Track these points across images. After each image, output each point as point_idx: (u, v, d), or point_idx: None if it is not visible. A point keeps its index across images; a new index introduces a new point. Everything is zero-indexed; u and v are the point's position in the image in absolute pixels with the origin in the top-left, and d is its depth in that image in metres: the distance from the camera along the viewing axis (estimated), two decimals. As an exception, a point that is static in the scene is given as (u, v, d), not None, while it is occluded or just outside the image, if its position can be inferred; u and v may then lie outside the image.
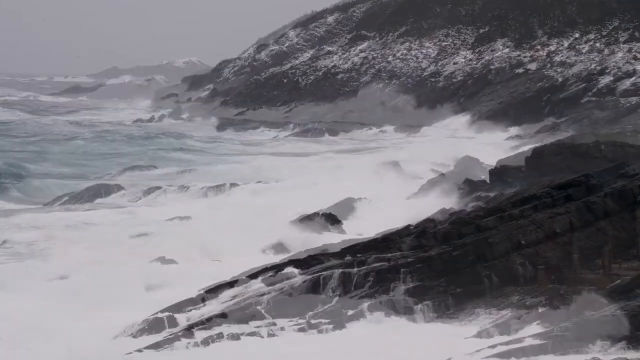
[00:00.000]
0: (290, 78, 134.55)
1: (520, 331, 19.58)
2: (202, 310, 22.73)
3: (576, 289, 21.79)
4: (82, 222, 40.31)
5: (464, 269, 23.59)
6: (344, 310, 22.27)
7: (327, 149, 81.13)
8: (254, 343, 20.46)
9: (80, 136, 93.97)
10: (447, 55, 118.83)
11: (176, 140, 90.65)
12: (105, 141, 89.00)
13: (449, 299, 22.98)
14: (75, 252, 31.14)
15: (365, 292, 22.91)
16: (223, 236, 32.19)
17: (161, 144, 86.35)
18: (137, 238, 35.05)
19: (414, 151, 65.53)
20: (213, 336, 20.66)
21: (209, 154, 79.56)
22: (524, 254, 24.84)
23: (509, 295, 22.72)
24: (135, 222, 40.21)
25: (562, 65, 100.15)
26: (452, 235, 25.14)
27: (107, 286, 24.85)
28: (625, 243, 25.29)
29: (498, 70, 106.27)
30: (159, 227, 37.53)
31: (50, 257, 31.27)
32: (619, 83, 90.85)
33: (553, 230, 25.48)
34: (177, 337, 20.72)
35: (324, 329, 21.35)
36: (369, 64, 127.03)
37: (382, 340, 20.17)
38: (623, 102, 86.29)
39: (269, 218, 35.12)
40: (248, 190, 48.42)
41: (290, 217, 35.82)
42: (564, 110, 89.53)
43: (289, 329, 21.33)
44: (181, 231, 35.18)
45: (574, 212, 25.96)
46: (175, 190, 49.28)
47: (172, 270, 28.29)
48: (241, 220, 34.95)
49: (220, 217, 37.37)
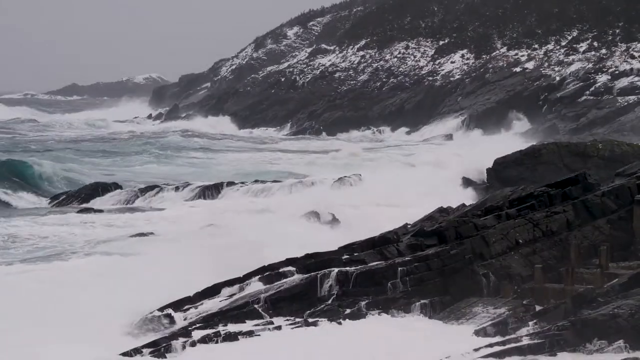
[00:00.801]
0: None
1: (518, 330, 19.59)
2: (199, 308, 22.70)
3: (573, 288, 21.81)
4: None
5: (461, 267, 23.61)
6: (341, 309, 22.28)
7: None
8: (251, 342, 20.45)
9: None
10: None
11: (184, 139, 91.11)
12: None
13: (446, 297, 23.00)
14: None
15: (363, 290, 22.91)
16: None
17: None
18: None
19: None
20: (210, 335, 20.64)
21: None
22: (521, 252, 24.89)
23: (506, 293, 22.75)
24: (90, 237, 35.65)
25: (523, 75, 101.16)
26: (449, 234, 25.16)
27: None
28: (622, 242, 25.34)
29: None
30: (107, 248, 32.27)
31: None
32: (581, 91, 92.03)
33: (550, 229, 25.53)
34: (175, 336, 20.71)
35: (322, 327, 21.33)
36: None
37: (380, 339, 20.16)
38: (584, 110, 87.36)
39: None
40: (242, 192, 47.88)
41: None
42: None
43: (287, 327, 21.32)
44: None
45: (571, 210, 26.01)
46: (172, 189, 48.84)
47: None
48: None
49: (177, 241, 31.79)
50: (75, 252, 31.86)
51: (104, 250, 31.66)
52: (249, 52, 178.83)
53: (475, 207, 32.09)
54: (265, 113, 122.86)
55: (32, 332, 20.14)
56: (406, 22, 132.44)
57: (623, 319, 17.91)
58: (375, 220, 34.26)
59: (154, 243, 31.92)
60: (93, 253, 31.01)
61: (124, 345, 20.16)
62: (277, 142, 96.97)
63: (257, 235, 29.93)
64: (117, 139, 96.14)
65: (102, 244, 33.36)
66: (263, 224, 34.51)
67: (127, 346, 20.13)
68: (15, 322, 20.77)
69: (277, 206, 41.33)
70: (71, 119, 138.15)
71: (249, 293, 23.09)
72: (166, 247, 29.87)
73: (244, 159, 73.65)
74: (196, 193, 48.29)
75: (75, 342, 19.37)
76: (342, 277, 23.16)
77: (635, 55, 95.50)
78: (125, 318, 21.84)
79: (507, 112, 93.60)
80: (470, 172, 45.22)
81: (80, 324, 20.72)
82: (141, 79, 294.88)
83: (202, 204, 45.44)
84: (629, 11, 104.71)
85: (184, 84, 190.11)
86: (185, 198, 47.71)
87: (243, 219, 36.79)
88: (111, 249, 31.68)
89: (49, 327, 20.48)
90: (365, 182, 47.37)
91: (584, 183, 27.66)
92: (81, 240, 34.89)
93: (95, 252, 31.34)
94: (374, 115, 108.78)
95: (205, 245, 28.80)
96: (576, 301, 19.59)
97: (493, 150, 45.47)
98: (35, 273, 26.72)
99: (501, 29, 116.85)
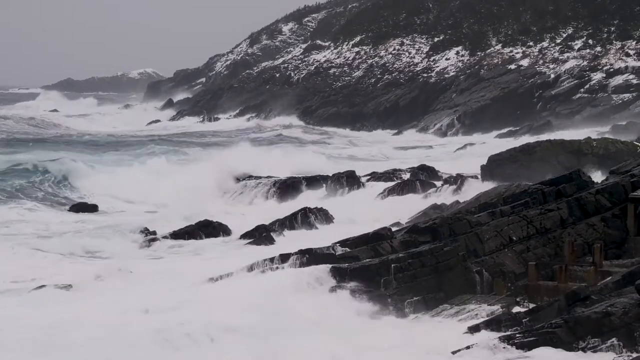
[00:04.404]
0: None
1: (511, 327, 19.55)
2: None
3: (567, 286, 21.80)
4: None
5: (455, 264, 23.58)
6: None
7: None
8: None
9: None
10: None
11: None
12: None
13: (439, 294, 22.97)
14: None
15: (356, 287, 22.86)
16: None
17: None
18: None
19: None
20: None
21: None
22: (515, 249, 24.89)
23: (500, 291, 22.73)
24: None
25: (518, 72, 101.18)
26: (443, 231, 25.14)
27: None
28: (616, 239, 25.35)
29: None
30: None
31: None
32: (575, 89, 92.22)
33: (543, 227, 25.53)
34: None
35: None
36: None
37: (373, 335, 20.13)
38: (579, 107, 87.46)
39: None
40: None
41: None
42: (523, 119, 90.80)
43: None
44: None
45: (565, 208, 26.00)
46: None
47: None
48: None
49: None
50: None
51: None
52: (244, 47, 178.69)
53: (469, 204, 32.12)
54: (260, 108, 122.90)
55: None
56: (401, 18, 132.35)
57: (616, 317, 17.88)
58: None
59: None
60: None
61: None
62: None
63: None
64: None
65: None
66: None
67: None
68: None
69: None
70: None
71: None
72: None
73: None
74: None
75: None
76: (336, 273, 23.11)
77: (630, 53, 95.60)
78: None
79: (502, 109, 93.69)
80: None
81: None
82: (136, 74, 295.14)
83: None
84: (623, 9, 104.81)
85: (179, 79, 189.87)
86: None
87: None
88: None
89: None
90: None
91: (578, 181, 27.67)
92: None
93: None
94: (369, 112, 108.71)
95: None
96: (569, 299, 19.56)
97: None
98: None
99: (496, 26, 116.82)
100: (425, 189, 43.32)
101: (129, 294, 23.90)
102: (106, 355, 18.31)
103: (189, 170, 53.58)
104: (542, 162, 42.42)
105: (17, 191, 47.28)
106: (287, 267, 24.16)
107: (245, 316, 20.90)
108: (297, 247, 26.07)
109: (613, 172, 29.72)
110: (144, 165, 56.52)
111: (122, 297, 23.52)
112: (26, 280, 27.04)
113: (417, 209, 37.89)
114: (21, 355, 18.39)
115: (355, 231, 28.19)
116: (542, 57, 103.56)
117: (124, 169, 55.05)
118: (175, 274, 27.24)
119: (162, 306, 21.87)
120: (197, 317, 20.61)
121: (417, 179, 45.78)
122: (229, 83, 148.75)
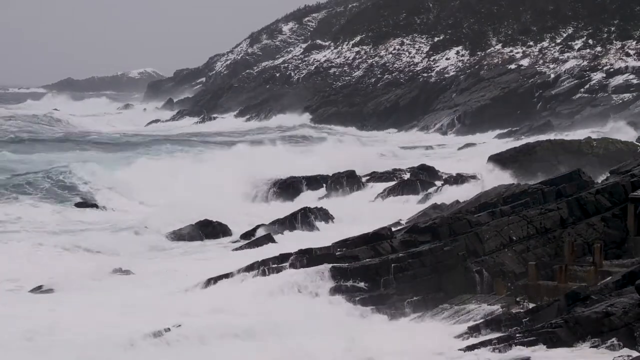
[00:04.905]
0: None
1: (511, 327, 19.55)
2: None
3: (567, 286, 21.79)
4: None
5: (454, 264, 23.57)
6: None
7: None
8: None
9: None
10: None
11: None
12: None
13: (439, 294, 22.96)
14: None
15: (356, 286, 22.86)
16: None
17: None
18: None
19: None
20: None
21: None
22: (515, 249, 24.87)
23: (500, 291, 22.72)
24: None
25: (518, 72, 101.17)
26: (443, 230, 25.12)
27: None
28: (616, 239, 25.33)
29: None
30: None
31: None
32: (575, 89, 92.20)
33: (544, 226, 25.51)
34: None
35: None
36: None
37: (373, 335, 20.12)
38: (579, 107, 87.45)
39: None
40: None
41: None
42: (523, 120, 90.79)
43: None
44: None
45: (565, 208, 25.99)
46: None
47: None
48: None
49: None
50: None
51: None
52: (244, 47, 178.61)
53: (469, 203, 32.10)
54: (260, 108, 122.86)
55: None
56: (401, 18, 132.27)
57: (616, 316, 17.87)
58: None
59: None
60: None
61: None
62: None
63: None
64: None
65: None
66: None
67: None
68: None
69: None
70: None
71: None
72: None
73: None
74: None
75: None
76: (336, 272, 23.11)
77: (630, 53, 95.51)
78: None
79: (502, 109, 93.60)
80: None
81: None
82: (136, 73, 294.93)
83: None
84: (623, 9, 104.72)
85: (179, 79, 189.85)
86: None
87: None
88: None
89: None
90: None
91: (578, 180, 27.66)
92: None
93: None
94: (369, 112, 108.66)
95: None
96: (569, 299, 19.55)
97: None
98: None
99: (496, 26, 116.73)
100: (425, 189, 43.30)
101: (129, 294, 23.91)
102: (105, 355, 18.32)
103: (204, 169, 52.49)
104: (542, 162, 42.41)
105: (21, 187, 47.36)
106: (287, 267, 24.15)
107: (245, 316, 20.90)
108: (297, 247, 26.08)
109: (613, 172, 29.70)
110: (148, 164, 56.24)
111: (122, 296, 23.53)
112: (26, 278, 27.04)
113: (417, 208, 37.92)
114: (21, 355, 18.40)
115: (355, 231, 28.19)
116: (542, 57, 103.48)
117: (128, 167, 54.82)
118: (175, 273, 27.27)
119: (161, 306, 21.87)
120: (197, 318, 20.60)
121: (417, 179, 45.75)
122: (229, 83, 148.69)
